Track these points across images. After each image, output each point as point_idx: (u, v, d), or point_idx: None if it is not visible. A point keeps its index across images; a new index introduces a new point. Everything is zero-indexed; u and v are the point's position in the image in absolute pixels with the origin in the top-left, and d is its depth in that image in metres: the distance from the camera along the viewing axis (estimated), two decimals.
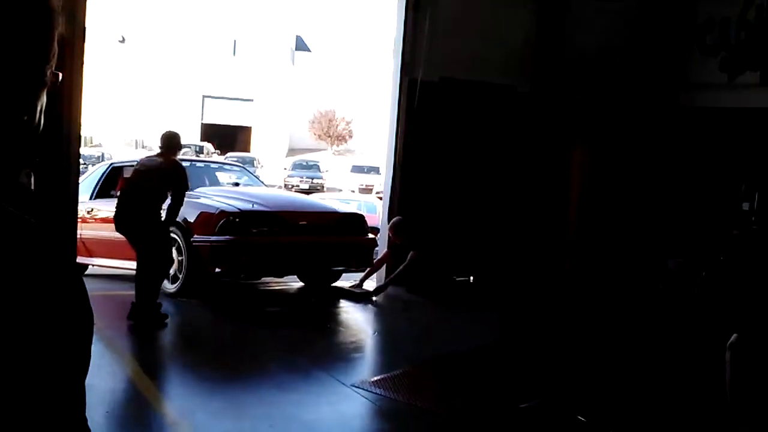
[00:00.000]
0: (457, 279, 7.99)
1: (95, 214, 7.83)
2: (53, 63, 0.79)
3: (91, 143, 36.57)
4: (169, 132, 6.24)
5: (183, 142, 6.66)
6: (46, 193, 5.34)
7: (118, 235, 7.59)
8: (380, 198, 10.77)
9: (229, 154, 34.96)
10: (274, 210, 7.09)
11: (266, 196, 7.90)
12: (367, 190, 28.37)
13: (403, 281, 7.66)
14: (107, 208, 7.47)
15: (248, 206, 6.89)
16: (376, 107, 33.11)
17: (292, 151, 43.21)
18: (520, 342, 5.83)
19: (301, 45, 46.88)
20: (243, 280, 7.65)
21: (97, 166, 10.09)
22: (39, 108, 0.78)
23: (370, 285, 7.79)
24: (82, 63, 5.80)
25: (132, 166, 8.07)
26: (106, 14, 37.42)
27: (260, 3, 44.24)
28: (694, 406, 4.34)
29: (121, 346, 5.10)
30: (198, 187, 7.83)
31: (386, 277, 7.58)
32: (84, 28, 5.81)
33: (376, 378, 4.63)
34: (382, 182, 8.87)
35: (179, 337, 6.03)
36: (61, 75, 0.80)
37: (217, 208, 6.74)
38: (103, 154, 29.18)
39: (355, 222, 7.50)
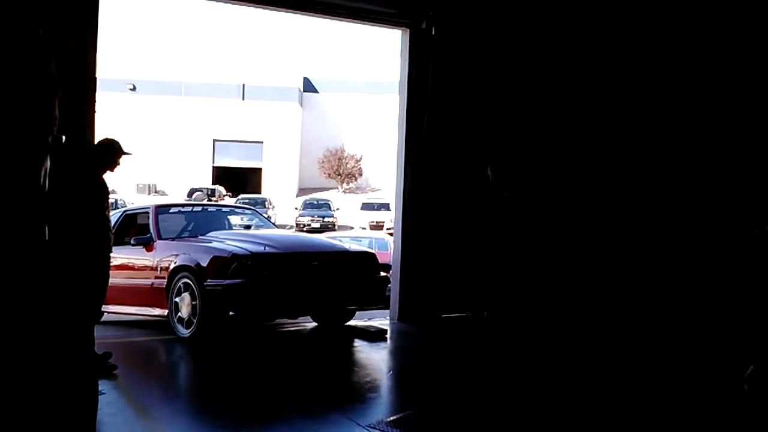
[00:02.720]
0: (470, 314, 7.94)
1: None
2: (55, 129, 0.81)
3: None
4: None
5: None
6: (60, 242, 5.37)
7: (132, 281, 7.68)
8: (391, 234, 10.78)
9: (241, 196, 35.23)
10: (286, 251, 7.13)
11: (277, 237, 7.94)
12: (377, 226, 28.41)
13: (417, 317, 7.62)
14: (121, 255, 7.54)
15: (260, 248, 6.93)
16: (384, 144, 33.36)
17: (302, 191, 43.48)
18: (538, 381, 5.77)
19: (308, 86, 47.52)
20: (256, 322, 7.65)
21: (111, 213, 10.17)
22: (43, 172, 0.80)
23: (383, 323, 7.77)
24: (94, 112, 5.92)
25: (146, 212, 8.18)
26: (116, 63, 38.20)
27: (267, 48, 45.05)
28: None
29: (133, 392, 5.09)
30: (211, 231, 7.91)
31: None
32: (95, 79, 5.94)
33: (392, 418, 4.59)
34: (393, 218, 8.90)
35: (193, 382, 6.02)
36: (64, 138, 0.83)
37: (230, 252, 6.79)
38: (116, 201, 29.29)
39: (366, 260, 7.51)
